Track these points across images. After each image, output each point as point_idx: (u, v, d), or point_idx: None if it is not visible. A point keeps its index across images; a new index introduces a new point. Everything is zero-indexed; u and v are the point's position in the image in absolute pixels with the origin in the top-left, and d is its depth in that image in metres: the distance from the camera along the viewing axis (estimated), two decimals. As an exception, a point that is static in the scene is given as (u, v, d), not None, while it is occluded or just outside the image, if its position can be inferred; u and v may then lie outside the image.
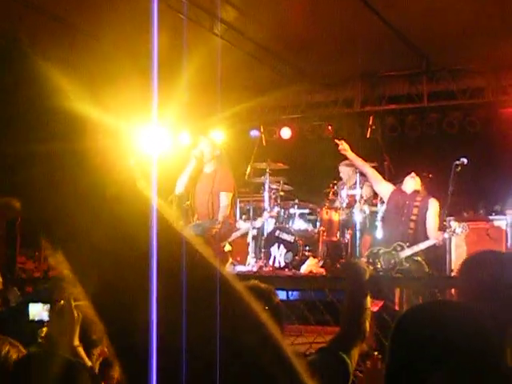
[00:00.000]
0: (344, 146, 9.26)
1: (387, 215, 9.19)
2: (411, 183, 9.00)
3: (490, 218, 10.00)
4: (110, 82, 10.65)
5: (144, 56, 10.20)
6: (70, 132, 0.92)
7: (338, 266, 8.94)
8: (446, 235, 8.48)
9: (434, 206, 8.83)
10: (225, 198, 9.08)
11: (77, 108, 0.93)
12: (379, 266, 8.74)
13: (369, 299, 3.37)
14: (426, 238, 8.68)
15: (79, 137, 0.92)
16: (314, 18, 9.49)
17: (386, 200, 9.15)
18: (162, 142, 12.35)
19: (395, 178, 9.64)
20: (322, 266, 9.28)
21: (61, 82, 0.94)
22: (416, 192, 8.96)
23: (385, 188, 9.19)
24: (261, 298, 3.14)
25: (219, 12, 9.54)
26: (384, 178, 9.52)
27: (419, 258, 8.57)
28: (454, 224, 8.53)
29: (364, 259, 8.84)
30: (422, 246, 8.58)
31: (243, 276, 8.65)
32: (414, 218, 8.81)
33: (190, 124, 12.79)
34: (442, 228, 8.54)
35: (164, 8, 8.26)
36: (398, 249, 8.66)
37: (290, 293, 8.78)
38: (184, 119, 12.54)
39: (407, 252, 8.61)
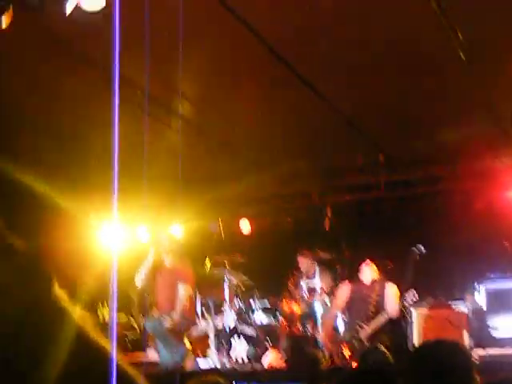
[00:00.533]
0: None
1: (348, 306, 9.21)
2: (368, 272, 9.10)
3: (450, 303, 10.02)
4: (71, 177, 10.67)
5: (104, 150, 10.16)
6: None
7: (294, 357, 8.87)
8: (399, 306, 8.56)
9: (391, 288, 8.93)
10: (182, 290, 9.06)
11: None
12: (346, 352, 8.71)
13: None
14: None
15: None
16: (271, 113, 9.63)
17: (347, 300, 9.22)
18: (121, 237, 12.28)
19: (353, 266, 9.66)
20: (285, 360, 9.16)
21: None
22: (374, 281, 9.05)
23: (343, 293, 9.28)
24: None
25: (177, 107, 9.64)
26: (342, 267, 9.63)
27: (383, 348, 8.53)
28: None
29: (326, 350, 8.78)
30: (378, 322, 8.61)
31: (204, 371, 8.54)
32: (374, 303, 8.86)
33: (149, 219, 12.75)
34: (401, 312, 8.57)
35: (123, 103, 8.32)
36: (358, 328, 8.69)
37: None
38: (142, 214, 12.52)
39: (367, 330, 8.64)
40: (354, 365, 8.54)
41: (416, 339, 9.31)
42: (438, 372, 2.80)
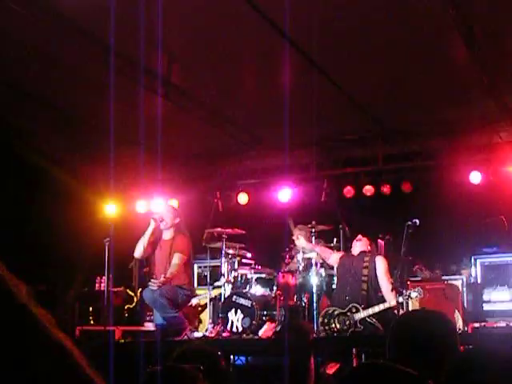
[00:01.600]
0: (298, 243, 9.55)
1: (338, 279, 9.25)
2: (358, 246, 9.14)
3: (446, 277, 10.09)
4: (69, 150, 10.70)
5: (101, 123, 10.28)
6: None
7: (281, 328, 8.86)
8: (401, 299, 8.41)
9: (381, 263, 8.88)
10: (176, 258, 9.11)
11: None
12: (334, 326, 8.71)
13: (312, 360, 3.37)
14: (380, 298, 8.69)
15: None
16: (267, 84, 9.63)
17: (336, 267, 9.26)
18: (120, 211, 12.33)
19: (351, 240, 9.67)
20: (274, 332, 9.19)
21: None
22: (363, 252, 9.06)
23: (334, 258, 9.32)
24: (206, 360, 3.11)
25: (171, 77, 9.62)
26: (338, 241, 9.65)
27: (374, 320, 8.56)
28: (410, 290, 8.47)
29: (320, 320, 8.83)
30: (377, 308, 8.54)
31: (192, 340, 8.61)
32: (364, 278, 8.84)
33: (148, 193, 12.77)
34: (396, 289, 8.53)
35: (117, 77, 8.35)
36: (353, 310, 8.64)
37: (249, 358, 8.75)
38: (141, 188, 12.55)
39: (362, 314, 8.59)
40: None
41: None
42: (416, 338, 2.84)
